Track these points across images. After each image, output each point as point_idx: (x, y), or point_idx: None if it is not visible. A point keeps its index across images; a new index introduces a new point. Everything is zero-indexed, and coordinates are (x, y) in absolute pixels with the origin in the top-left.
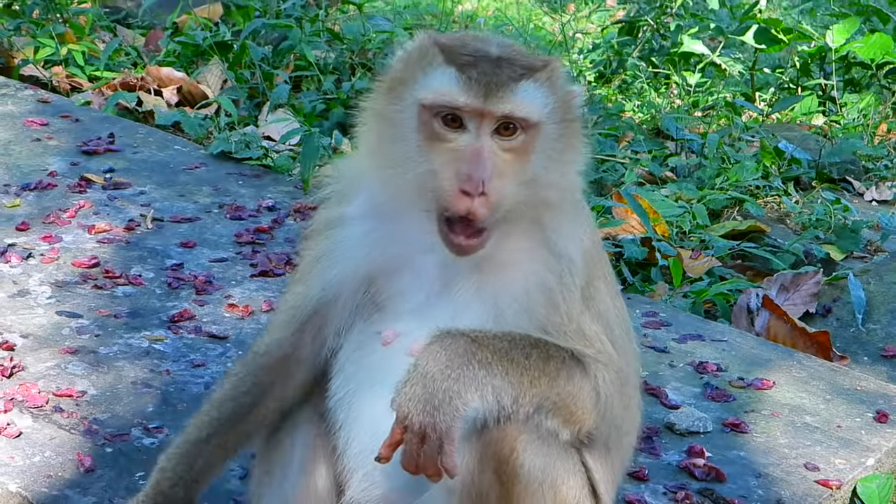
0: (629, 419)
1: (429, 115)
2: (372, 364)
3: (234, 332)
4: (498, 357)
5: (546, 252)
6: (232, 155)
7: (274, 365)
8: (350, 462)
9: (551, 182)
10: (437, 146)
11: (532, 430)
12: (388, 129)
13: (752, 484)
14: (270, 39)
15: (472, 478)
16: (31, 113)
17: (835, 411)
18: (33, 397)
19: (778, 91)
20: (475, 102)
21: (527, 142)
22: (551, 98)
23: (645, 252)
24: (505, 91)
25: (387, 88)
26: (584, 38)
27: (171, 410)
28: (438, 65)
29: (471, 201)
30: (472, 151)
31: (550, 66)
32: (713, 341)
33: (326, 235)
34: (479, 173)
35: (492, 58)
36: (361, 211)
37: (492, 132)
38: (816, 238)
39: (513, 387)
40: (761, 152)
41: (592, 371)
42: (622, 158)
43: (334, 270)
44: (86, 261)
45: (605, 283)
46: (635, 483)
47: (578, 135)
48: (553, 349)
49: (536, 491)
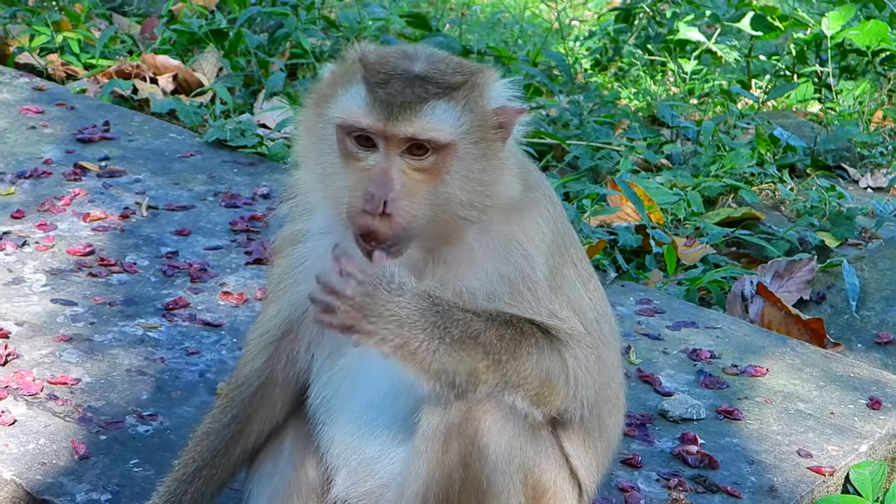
0: (608, 401)
1: (342, 133)
2: (345, 366)
3: (229, 319)
4: (460, 329)
5: (503, 247)
6: (227, 143)
7: (254, 393)
8: (333, 460)
9: (467, 202)
10: (351, 164)
11: (497, 409)
12: (314, 144)
13: (745, 471)
14: (266, 27)
15: (436, 460)
16: (26, 101)
17: (828, 398)
18: (28, 385)
19: (774, 78)
20: (377, 125)
21: (438, 162)
22: (466, 118)
23: (639, 239)
24: (409, 113)
25: (314, 104)
26: (580, 25)
27: (165, 398)
28: (355, 83)
29: (371, 220)
30: (377, 171)
31: (472, 81)
32: (707, 328)
33: (290, 252)
34: (381, 194)
35: (409, 76)
36: (321, 225)
37: (401, 152)
38: (811, 225)
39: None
40: (756, 139)
41: (562, 350)
42: (617, 146)
43: (301, 287)
44: (80, 248)
45: (574, 269)
46: (628, 470)
47: (501, 153)
48: (525, 325)
49: (504, 472)
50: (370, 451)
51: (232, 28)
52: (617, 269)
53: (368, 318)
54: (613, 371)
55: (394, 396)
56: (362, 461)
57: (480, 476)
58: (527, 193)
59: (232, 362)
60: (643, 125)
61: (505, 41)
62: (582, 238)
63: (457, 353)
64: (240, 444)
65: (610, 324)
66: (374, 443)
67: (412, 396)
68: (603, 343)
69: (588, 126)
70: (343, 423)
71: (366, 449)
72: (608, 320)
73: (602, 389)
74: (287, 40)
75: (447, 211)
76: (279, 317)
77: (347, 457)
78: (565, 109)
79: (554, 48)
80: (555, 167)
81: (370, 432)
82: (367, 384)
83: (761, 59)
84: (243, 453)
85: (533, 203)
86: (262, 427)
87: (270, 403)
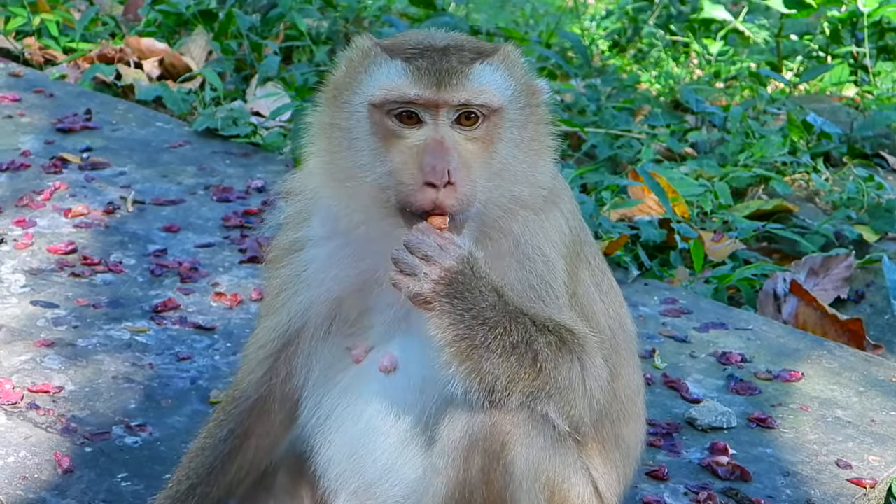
0: (623, 409)
1: (380, 114)
2: (344, 383)
3: (222, 322)
4: (519, 333)
5: (521, 253)
6: (218, 132)
7: (252, 407)
8: (332, 484)
9: (521, 174)
10: (395, 145)
11: (526, 420)
12: (338, 139)
13: (780, 483)
14: (259, 7)
15: (456, 478)
16: (1, 88)
17: (868, 405)
18: (7, 393)
19: (806, 60)
20: (427, 93)
21: (490, 130)
22: (510, 81)
23: (663, 234)
24: (459, 77)
25: (331, 97)
26: (596, 3)
27: (154, 407)
28: (383, 61)
29: (436, 193)
30: (432, 142)
31: (503, 49)
32: (737, 330)
33: (289, 261)
34: (443, 164)
35: (438, 48)
36: (323, 231)
37: (451, 122)
38: (848, 218)
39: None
40: (788, 126)
41: (579, 359)
42: (638, 134)
43: (301, 297)
44: (62, 247)
45: (588, 270)
46: (654, 483)
47: (546, 123)
48: (562, 331)
49: (529, 490)
50: (370, 473)
51: (222, 8)
52: (639, 267)
53: (452, 298)
54: (628, 377)
55: (394, 416)
56: (362, 484)
57: (504, 494)
58: (553, 182)
59: (226, 368)
60: (665, 111)
61: (515, 21)
62: (602, 233)
63: (510, 357)
64: (237, 460)
65: (624, 327)
66: (374, 465)
67: (414, 415)
68: (614, 348)
69: (606, 112)
70: (340, 445)
71: (366, 471)
72: (623, 322)
73: (614, 396)
74: (281, 21)
75: (502, 186)
76: (278, 329)
77: (347, 479)
78: (581, 94)
79: (569, 28)
80: (571, 157)
81: (370, 454)
82: (365, 403)
83: (792, 38)
84: (240, 470)
85: (555, 197)
86: (260, 442)
87: (268, 418)
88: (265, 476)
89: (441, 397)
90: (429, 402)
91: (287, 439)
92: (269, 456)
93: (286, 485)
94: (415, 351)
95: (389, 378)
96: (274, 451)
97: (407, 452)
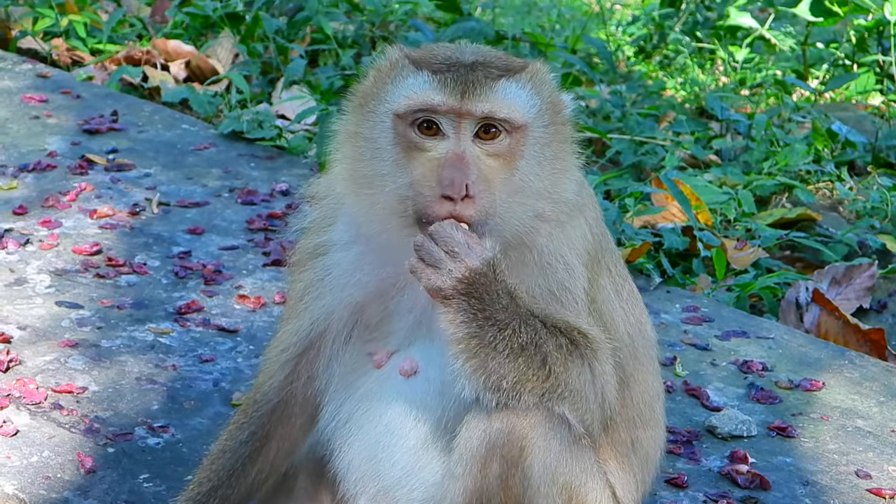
0: (640, 414)
1: (404, 124)
2: (365, 388)
3: (245, 325)
4: (529, 335)
5: (543, 261)
6: (243, 135)
7: (273, 410)
8: (351, 488)
9: (543, 191)
10: (416, 156)
11: (544, 422)
12: (362, 147)
13: (800, 492)
14: (285, 10)
15: (473, 484)
16: (29, 88)
17: (889, 415)
18: (31, 393)
19: (832, 68)
20: (452, 101)
21: (513, 146)
22: (536, 100)
23: (686, 242)
24: (483, 89)
25: (358, 105)
26: (622, 9)
27: (177, 408)
28: (410, 72)
29: (453, 205)
30: (453, 156)
31: (532, 67)
32: (759, 338)
33: (312, 265)
34: (462, 177)
35: (466, 63)
36: (347, 236)
37: (473, 136)
38: (872, 227)
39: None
40: (813, 134)
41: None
42: (662, 140)
43: (324, 301)
44: (87, 248)
45: (608, 277)
46: (673, 490)
47: (570, 141)
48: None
49: (546, 495)
50: (390, 476)
51: (249, 11)
52: (662, 274)
53: (470, 298)
54: (646, 383)
55: (414, 420)
56: (382, 487)
57: (522, 499)
58: (578, 194)
59: (248, 371)
60: (690, 118)
61: (541, 26)
62: (625, 240)
63: (518, 359)
64: (258, 463)
65: (644, 333)
66: (393, 469)
67: (434, 419)
68: (633, 355)
69: (631, 119)
70: (360, 449)
71: (385, 475)
72: (642, 329)
73: (630, 402)
74: (308, 25)
75: (524, 203)
76: (300, 333)
77: (366, 483)
78: (606, 100)
79: (594, 34)
80: (595, 163)
81: (389, 458)
82: (385, 407)
83: (818, 46)
84: (260, 473)
85: (581, 206)
86: (281, 445)
87: (289, 422)
88: (285, 479)
89: (460, 401)
90: (448, 407)
91: (307, 443)
92: (290, 459)
93: (306, 488)
94: (435, 355)
95: (409, 382)
96: (294, 455)
97: (426, 456)
